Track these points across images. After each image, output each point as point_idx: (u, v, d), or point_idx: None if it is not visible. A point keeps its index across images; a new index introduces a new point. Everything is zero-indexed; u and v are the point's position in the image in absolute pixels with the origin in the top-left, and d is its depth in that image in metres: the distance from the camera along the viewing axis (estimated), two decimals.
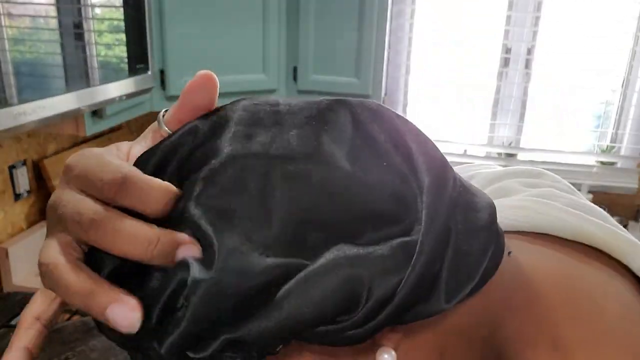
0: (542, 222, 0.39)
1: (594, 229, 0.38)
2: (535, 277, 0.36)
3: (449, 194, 0.31)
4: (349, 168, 0.31)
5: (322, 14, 1.90)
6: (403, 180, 0.31)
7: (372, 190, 0.30)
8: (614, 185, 2.21)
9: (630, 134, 2.21)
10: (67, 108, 1.14)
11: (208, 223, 0.29)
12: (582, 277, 0.36)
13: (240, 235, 0.28)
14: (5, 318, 1.39)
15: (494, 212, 0.34)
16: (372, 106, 0.34)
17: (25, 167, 1.62)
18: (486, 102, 2.31)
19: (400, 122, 0.33)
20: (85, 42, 1.23)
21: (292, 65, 1.96)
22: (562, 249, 0.38)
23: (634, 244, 0.38)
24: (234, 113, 0.32)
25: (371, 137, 0.32)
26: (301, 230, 0.29)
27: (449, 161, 0.34)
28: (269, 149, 0.31)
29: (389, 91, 2.29)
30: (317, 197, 0.30)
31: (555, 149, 2.29)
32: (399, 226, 0.30)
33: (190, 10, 1.72)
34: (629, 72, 2.14)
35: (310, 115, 0.33)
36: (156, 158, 0.31)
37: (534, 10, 2.14)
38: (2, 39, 0.99)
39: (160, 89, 1.72)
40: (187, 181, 0.30)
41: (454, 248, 0.31)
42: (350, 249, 0.29)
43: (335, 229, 0.30)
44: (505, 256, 0.36)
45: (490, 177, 0.49)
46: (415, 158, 0.32)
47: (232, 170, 0.30)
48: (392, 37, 2.22)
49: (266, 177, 0.30)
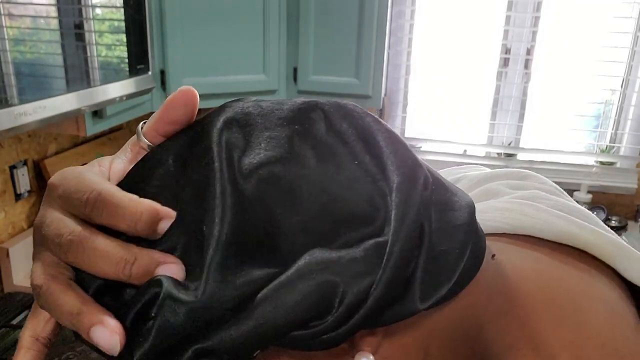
0: (526, 224, 0.39)
1: (579, 230, 0.38)
2: (518, 280, 0.35)
3: (419, 192, 0.31)
4: (320, 169, 0.31)
5: (322, 15, 1.90)
6: (374, 180, 0.31)
7: (343, 192, 0.30)
8: (613, 185, 2.21)
9: (629, 134, 2.21)
10: (68, 108, 1.15)
11: (189, 242, 0.29)
12: (566, 280, 0.36)
13: (220, 249, 0.28)
14: (6, 318, 1.39)
15: (474, 211, 0.34)
16: (344, 106, 0.33)
17: (26, 167, 1.62)
18: (486, 102, 2.31)
19: (372, 121, 0.33)
20: (86, 43, 1.23)
21: (292, 66, 1.97)
22: (546, 250, 0.38)
23: (619, 246, 0.38)
24: (214, 128, 0.32)
25: (342, 137, 0.32)
26: (273, 235, 0.29)
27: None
28: (241, 155, 0.31)
29: (389, 91, 2.29)
30: (288, 201, 0.30)
31: (555, 149, 2.30)
32: (371, 226, 0.30)
33: (191, 11, 1.72)
34: (629, 72, 2.15)
35: (281, 116, 0.33)
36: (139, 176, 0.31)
37: (534, 11, 2.14)
38: (3, 39, 0.99)
39: (160, 90, 1.73)
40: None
41: (429, 247, 0.31)
42: (323, 253, 0.29)
43: (307, 234, 0.29)
44: (489, 259, 0.36)
45: (477, 180, 0.49)
46: (385, 157, 0.31)
47: (211, 179, 0.30)
48: (392, 37, 2.22)
49: (240, 183, 0.30)
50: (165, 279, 0.28)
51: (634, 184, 2.20)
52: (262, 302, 0.28)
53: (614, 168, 2.25)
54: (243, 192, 0.30)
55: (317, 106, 0.33)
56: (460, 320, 0.35)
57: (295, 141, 0.31)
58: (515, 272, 0.36)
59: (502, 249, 0.38)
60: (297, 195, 0.30)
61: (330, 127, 0.32)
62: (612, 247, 0.38)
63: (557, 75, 2.20)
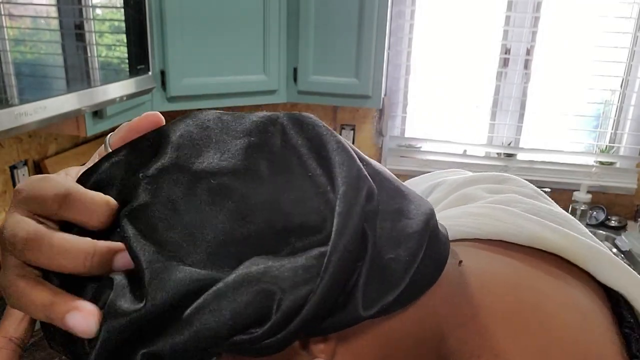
0: (499, 229, 0.39)
1: (551, 234, 0.38)
2: (483, 288, 0.35)
3: (360, 204, 0.31)
4: (271, 182, 0.32)
5: (322, 15, 1.90)
6: (324, 192, 0.32)
7: (292, 204, 0.31)
8: (613, 185, 2.21)
9: (629, 134, 2.21)
10: (68, 108, 1.15)
11: (138, 241, 0.30)
12: (534, 286, 0.36)
13: (165, 252, 0.29)
14: None
15: (430, 219, 0.34)
16: (302, 119, 0.34)
17: (27, 167, 1.63)
18: (485, 103, 2.31)
19: (325, 134, 0.34)
20: (86, 43, 1.23)
21: (292, 66, 1.97)
22: (519, 255, 0.38)
23: (593, 249, 0.38)
24: (172, 136, 0.33)
25: (297, 151, 0.33)
26: (219, 245, 0.30)
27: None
28: (194, 164, 0.32)
29: (389, 91, 2.29)
30: (238, 212, 0.31)
31: (555, 149, 2.30)
32: (319, 235, 0.31)
33: (191, 11, 1.72)
34: (628, 72, 2.15)
35: (239, 129, 0.34)
36: (96, 176, 0.33)
37: (533, 11, 2.14)
38: (3, 40, 0.99)
39: (160, 90, 1.73)
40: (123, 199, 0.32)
41: (373, 256, 0.31)
42: (264, 261, 0.30)
43: (255, 244, 0.30)
44: (455, 266, 0.36)
45: (456, 184, 0.49)
46: (333, 169, 0.32)
47: (162, 186, 0.31)
48: (392, 37, 2.22)
49: (190, 192, 0.31)
50: (117, 282, 0.29)
51: (633, 184, 2.20)
52: (201, 309, 0.29)
53: (614, 168, 2.25)
54: (191, 200, 0.31)
55: (276, 120, 0.34)
56: (422, 329, 0.35)
57: (249, 153, 0.32)
58: (482, 279, 0.36)
59: (471, 255, 0.38)
60: (245, 208, 0.31)
61: (287, 140, 0.33)
62: (586, 250, 0.37)
63: (556, 76, 2.20)
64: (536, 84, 2.23)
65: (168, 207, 0.31)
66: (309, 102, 2.05)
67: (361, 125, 2.34)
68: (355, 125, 2.35)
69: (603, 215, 2.16)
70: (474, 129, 2.34)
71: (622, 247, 1.98)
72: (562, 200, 2.24)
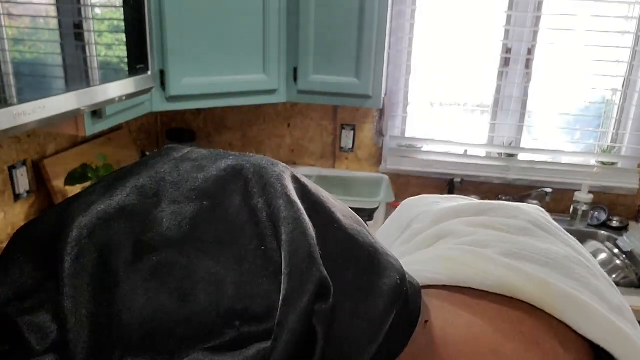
0: (466, 276, 0.37)
1: (522, 283, 0.36)
2: (448, 351, 0.34)
3: (304, 301, 0.28)
4: (218, 260, 0.29)
5: (323, 14, 1.90)
6: (275, 273, 0.29)
7: (242, 282, 0.28)
8: (614, 186, 2.21)
9: (630, 134, 2.20)
10: (67, 108, 1.14)
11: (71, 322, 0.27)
12: (502, 346, 0.34)
13: (92, 339, 0.27)
14: None
15: (395, 292, 0.32)
16: (266, 173, 0.31)
17: (25, 167, 1.62)
18: (486, 102, 2.31)
19: (286, 195, 0.31)
20: (85, 42, 1.22)
21: (292, 66, 1.96)
22: (484, 305, 0.36)
23: (572, 299, 0.35)
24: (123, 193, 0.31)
25: (255, 215, 0.30)
26: (158, 330, 0.27)
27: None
28: (138, 231, 0.29)
29: (389, 91, 2.28)
30: (179, 290, 0.28)
31: (556, 149, 2.29)
32: (266, 324, 0.28)
33: (190, 11, 1.72)
34: (630, 72, 2.14)
35: (194, 187, 0.31)
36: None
37: (535, 10, 2.14)
38: (2, 39, 0.99)
39: (160, 89, 1.72)
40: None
41: (325, 348, 0.29)
42: (205, 357, 0.27)
43: (196, 328, 0.28)
44: (422, 326, 0.35)
45: (437, 217, 0.46)
46: (283, 246, 0.29)
47: (86, 265, 0.28)
48: (393, 37, 2.22)
49: (131, 265, 0.28)
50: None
51: (635, 184, 2.19)
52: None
53: (615, 168, 2.24)
54: (129, 279, 0.28)
55: (240, 174, 0.31)
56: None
57: (198, 222, 0.29)
58: (446, 340, 0.34)
59: (436, 309, 0.36)
60: (187, 287, 0.28)
61: (246, 201, 0.30)
62: (564, 300, 0.35)
63: (558, 75, 2.19)
64: (537, 84, 2.22)
65: (97, 285, 0.28)
66: (309, 101, 2.05)
67: (361, 125, 2.34)
68: (355, 125, 2.34)
69: (605, 216, 2.16)
70: (474, 129, 2.34)
71: (624, 247, 1.97)
72: (563, 201, 2.24)
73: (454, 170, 2.26)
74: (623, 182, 2.20)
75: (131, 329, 0.27)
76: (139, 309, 0.28)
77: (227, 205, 0.30)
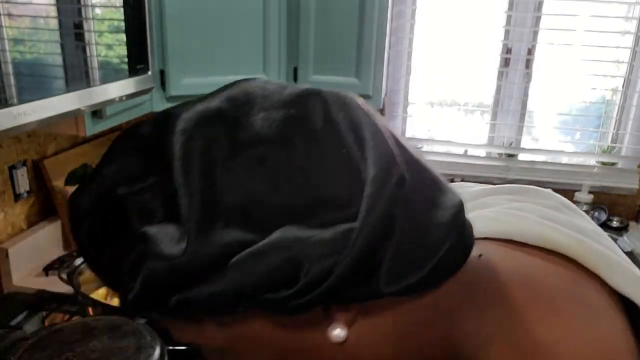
0: (507, 230, 0.41)
1: (562, 238, 0.39)
2: (500, 279, 0.37)
3: (389, 188, 0.33)
4: (305, 155, 0.33)
5: (323, 15, 1.90)
6: (356, 169, 0.33)
7: (324, 178, 0.33)
8: (614, 186, 2.21)
9: (631, 134, 2.20)
10: (67, 108, 1.14)
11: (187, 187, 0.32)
12: (545, 280, 0.37)
13: (202, 210, 0.32)
14: (5, 319, 1.39)
15: (459, 211, 0.35)
16: (344, 97, 0.36)
17: (25, 167, 1.62)
18: (486, 102, 2.31)
19: (363, 115, 0.35)
20: (86, 42, 1.22)
21: (293, 66, 1.96)
22: (529, 251, 0.39)
23: (607, 256, 0.39)
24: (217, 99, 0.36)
25: (336, 126, 0.34)
26: (254, 210, 0.32)
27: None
28: (234, 130, 0.34)
29: (390, 91, 2.28)
30: (269, 182, 0.33)
31: (556, 149, 2.29)
32: (347, 210, 0.33)
33: (191, 11, 1.72)
34: (630, 72, 2.14)
35: (281, 99, 0.35)
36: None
37: (535, 10, 2.14)
38: (2, 39, 0.99)
39: (160, 90, 1.72)
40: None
41: (401, 239, 0.33)
42: (295, 231, 0.32)
43: (286, 212, 0.32)
44: (475, 258, 0.38)
45: (475, 194, 0.50)
46: (367, 149, 0.34)
47: (195, 148, 0.33)
48: (393, 37, 2.21)
49: (229, 158, 0.33)
50: (152, 233, 0.32)
51: (635, 185, 2.19)
52: (234, 266, 0.32)
53: (616, 168, 2.24)
54: (228, 170, 0.33)
55: (318, 94, 0.36)
56: (436, 312, 0.37)
57: (287, 125, 0.34)
58: (499, 273, 0.37)
59: (487, 251, 0.39)
60: (279, 177, 0.33)
61: (327, 115, 0.35)
62: (596, 255, 0.39)
63: (558, 75, 2.19)
64: (537, 84, 2.22)
65: (210, 166, 0.33)
66: None
67: None
68: None
69: (605, 216, 2.16)
70: (474, 129, 2.34)
71: (624, 247, 1.97)
72: None
73: (454, 170, 2.26)
74: (623, 182, 2.20)
75: (231, 207, 0.32)
76: (235, 194, 0.32)
77: (311, 115, 0.35)
